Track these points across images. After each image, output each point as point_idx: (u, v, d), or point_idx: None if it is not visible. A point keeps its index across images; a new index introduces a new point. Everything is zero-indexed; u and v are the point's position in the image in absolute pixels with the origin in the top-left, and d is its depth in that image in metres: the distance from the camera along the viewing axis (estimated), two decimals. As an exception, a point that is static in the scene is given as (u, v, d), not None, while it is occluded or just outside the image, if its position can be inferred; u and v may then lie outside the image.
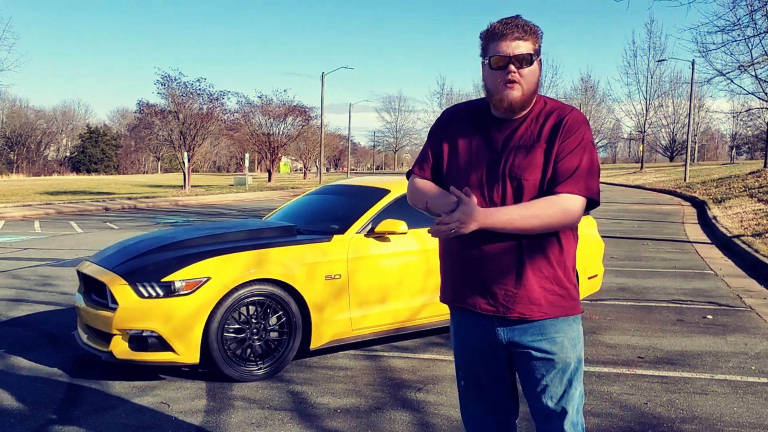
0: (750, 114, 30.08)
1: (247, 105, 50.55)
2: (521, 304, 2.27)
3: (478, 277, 2.31)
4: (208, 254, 4.87)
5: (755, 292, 8.09)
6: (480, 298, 2.32)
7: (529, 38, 2.22)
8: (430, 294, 5.65)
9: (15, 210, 20.78)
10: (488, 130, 2.34)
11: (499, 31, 2.22)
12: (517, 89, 2.21)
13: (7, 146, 77.41)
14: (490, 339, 2.36)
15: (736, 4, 16.21)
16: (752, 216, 15.38)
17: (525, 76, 2.21)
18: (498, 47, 2.21)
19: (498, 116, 2.33)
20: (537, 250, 2.27)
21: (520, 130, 2.29)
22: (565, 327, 2.32)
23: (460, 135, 2.40)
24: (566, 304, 2.31)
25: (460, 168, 2.36)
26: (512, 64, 2.20)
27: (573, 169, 2.22)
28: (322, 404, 4.39)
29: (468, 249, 2.31)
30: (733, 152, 76.02)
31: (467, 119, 2.42)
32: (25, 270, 9.60)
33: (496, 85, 2.23)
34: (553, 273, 2.29)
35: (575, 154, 2.23)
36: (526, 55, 2.21)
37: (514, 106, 2.24)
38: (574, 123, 2.26)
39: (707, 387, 4.72)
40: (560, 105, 2.33)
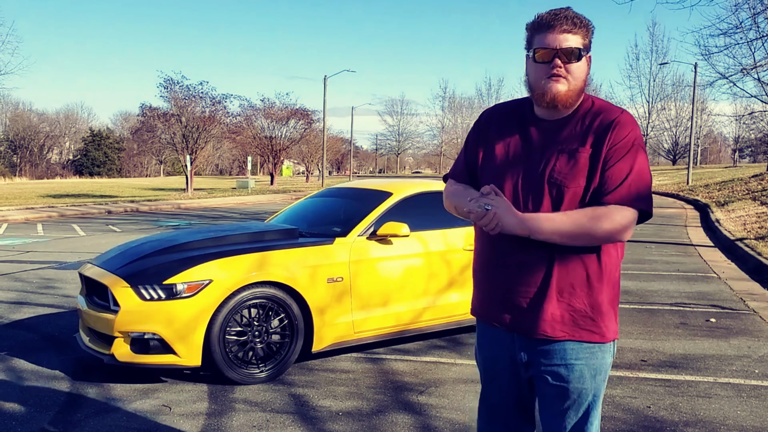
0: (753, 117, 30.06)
1: (249, 108, 50.70)
2: (545, 322, 2.11)
3: (504, 291, 2.17)
4: (210, 257, 4.86)
5: (758, 295, 8.07)
6: (503, 313, 2.18)
7: (578, 32, 2.07)
8: (432, 297, 5.65)
9: (18, 213, 20.82)
10: (528, 131, 2.17)
11: (546, 22, 2.07)
12: (562, 83, 2.06)
13: (10, 149, 77.59)
14: (510, 357, 2.24)
15: (739, 7, 16.24)
16: (755, 219, 15.35)
17: (572, 71, 2.06)
18: (544, 39, 2.06)
19: (541, 116, 2.17)
20: (570, 265, 2.09)
21: (564, 131, 2.12)
22: (588, 354, 2.14)
23: (497, 137, 2.23)
24: (595, 329, 2.12)
25: (494, 172, 2.18)
26: (558, 58, 2.04)
27: (623, 178, 2.03)
28: (324, 407, 4.38)
29: (496, 261, 2.18)
30: (735, 155, 75.99)
31: (506, 119, 2.25)
32: (27, 273, 9.61)
33: (539, 80, 2.08)
34: (587, 292, 2.10)
35: (625, 160, 2.04)
36: (574, 49, 2.05)
37: (557, 101, 2.07)
38: (624, 126, 2.07)
39: (710, 390, 4.70)
40: (609, 106, 2.15)
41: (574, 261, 2.08)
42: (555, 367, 2.15)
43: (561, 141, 2.10)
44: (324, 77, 44.04)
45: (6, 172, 66.74)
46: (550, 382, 2.17)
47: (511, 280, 2.14)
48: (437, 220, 5.84)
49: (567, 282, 2.09)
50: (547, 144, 2.11)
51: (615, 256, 2.15)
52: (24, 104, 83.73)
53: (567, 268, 2.08)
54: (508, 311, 2.16)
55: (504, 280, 2.16)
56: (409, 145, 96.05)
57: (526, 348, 2.18)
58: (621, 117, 2.08)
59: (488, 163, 2.22)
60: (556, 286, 2.09)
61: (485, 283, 2.25)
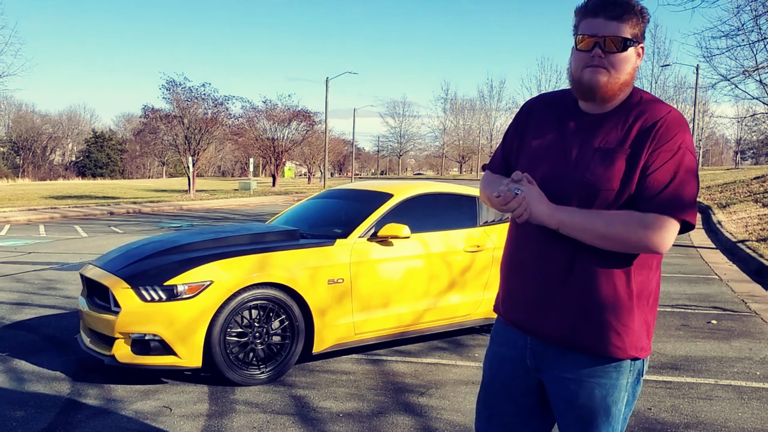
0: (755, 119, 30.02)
1: (251, 110, 50.68)
2: (564, 330, 1.97)
3: (522, 291, 2.06)
4: (211, 258, 4.87)
5: (760, 297, 8.06)
6: (519, 314, 2.08)
7: (629, 19, 1.87)
8: (433, 298, 5.64)
9: (20, 214, 20.85)
10: (567, 124, 2.01)
11: (592, 6, 1.89)
12: (602, 74, 1.88)
13: (13, 151, 77.72)
14: (520, 358, 2.11)
15: (741, 9, 16.20)
16: (757, 221, 15.33)
17: (614, 62, 1.88)
18: (588, 25, 1.89)
19: (583, 108, 2.00)
20: (596, 272, 1.93)
21: (604, 127, 1.95)
22: (603, 372, 1.97)
23: (535, 128, 2.09)
24: (617, 343, 1.93)
25: (525, 165, 2.05)
26: (599, 47, 1.87)
27: (665, 184, 1.84)
28: (325, 408, 4.38)
29: (519, 259, 2.07)
30: (737, 157, 75.90)
31: (547, 110, 2.10)
32: (29, 273, 9.62)
33: (577, 69, 1.92)
34: (614, 302, 1.92)
35: (669, 165, 1.85)
36: (619, 38, 1.87)
37: (594, 93, 1.90)
38: (670, 126, 1.88)
39: (712, 392, 4.69)
40: (657, 103, 1.95)
41: (601, 268, 1.92)
42: (564, 380, 2.02)
43: (599, 138, 1.93)
44: (326, 79, 44.10)
45: (9, 174, 66.80)
46: (558, 393, 2.05)
47: (530, 281, 2.03)
48: (438, 221, 5.85)
49: (590, 289, 1.93)
50: (584, 140, 1.96)
51: (650, 266, 1.97)
52: (27, 106, 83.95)
53: (592, 274, 1.93)
54: (525, 312, 2.05)
55: (524, 280, 2.05)
56: (411, 147, 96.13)
57: (538, 353, 2.06)
58: (668, 116, 1.89)
59: (522, 155, 2.10)
60: (578, 293, 1.94)
61: (506, 280, 2.16)
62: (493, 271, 5.93)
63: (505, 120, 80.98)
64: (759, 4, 15.57)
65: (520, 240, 2.08)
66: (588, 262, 1.93)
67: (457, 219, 6.00)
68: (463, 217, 6.04)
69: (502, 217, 6.20)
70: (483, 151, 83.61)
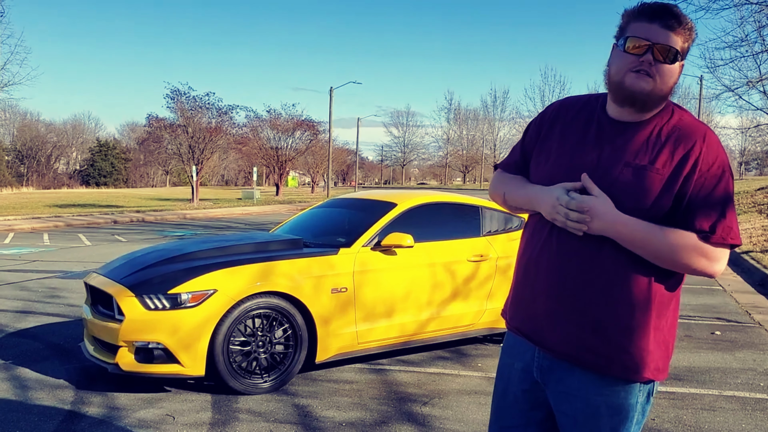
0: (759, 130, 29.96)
1: (255, 119, 50.91)
2: (572, 345, 1.90)
3: (532, 301, 1.98)
4: (215, 266, 4.88)
5: (764, 309, 8.03)
6: (528, 325, 1.99)
7: (681, 32, 1.82)
8: (437, 308, 5.64)
9: (24, 222, 20.91)
10: (595, 132, 1.94)
11: (649, 11, 1.83)
12: (646, 81, 1.81)
13: (17, 159, 77.97)
14: (526, 369, 2.05)
15: (744, 20, 16.22)
16: (761, 232, 15.30)
17: (662, 72, 1.81)
18: (641, 29, 1.82)
19: (613, 116, 1.92)
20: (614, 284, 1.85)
21: (636, 138, 1.87)
22: (610, 391, 1.90)
23: (561, 133, 2.01)
24: (629, 364, 1.86)
25: (547, 173, 1.97)
26: (651, 53, 1.80)
27: (721, 213, 1.81)
28: (328, 417, 4.38)
29: (534, 269, 1.97)
30: (741, 168, 75.81)
31: (575, 115, 2.02)
32: (33, 282, 9.64)
33: (621, 70, 1.84)
34: (629, 321, 1.85)
35: (719, 191, 1.82)
36: (671, 48, 1.81)
37: (636, 97, 1.83)
38: (711, 148, 1.83)
39: (715, 403, 4.68)
40: (693, 120, 1.90)
41: (622, 281, 1.85)
42: (569, 398, 1.94)
43: (630, 151, 1.86)
44: (330, 89, 44.21)
45: (13, 182, 67.04)
46: (562, 409, 1.97)
47: (541, 291, 1.94)
48: (442, 231, 5.86)
49: (606, 304, 1.85)
50: (613, 151, 1.88)
51: (675, 280, 1.90)
52: (32, 114, 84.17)
53: (610, 287, 1.85)
54: (533, 323, 1.97)
55: (535, 289, 1.96)
56: (415, 157, 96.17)
57: (544, 367, 1.98)
58: (708, 137, 1.84)
59: (543, 160, 2.01)
60: (592, 307, 1.86)
61: (517, 287, 2.06)
62: (496, 280, 5.93)
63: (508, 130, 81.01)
64: (763, 15, 15.61)
65: (534, 247, 1.99)
66: (608, 274, 1.85)
67: (460, 228, 6.00)
68: (466, 226, 6.05)
69: (505, 227, 6.21)
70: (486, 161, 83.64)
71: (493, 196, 2.23)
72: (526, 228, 2.10)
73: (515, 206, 2.12)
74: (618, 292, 1.84)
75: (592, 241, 1.85)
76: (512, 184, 2.11)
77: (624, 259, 1.84)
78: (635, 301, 1.84)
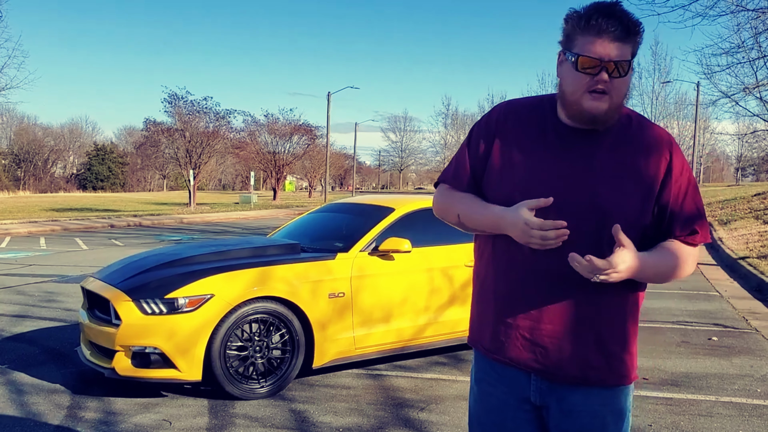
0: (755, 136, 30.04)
1: (253, 123, 50.86)
2: (576, 365, 1.84)
3: (527, 326, 1.87)
4: (212, 271, 4.88)
5: (761, 314, 8.04)
6: (524, 351, 1.88)
7: (630, 40, 1.73)
8: (434, 313, 5.64)
9: (21, 226, 20.86)
10: (557, 141, 1.85)
11: (596, 23, 1.71)
12: (604, 102, 1.74)
13: (14, 163, 77.84)
14: (518, 397, 1.94)
15: (741, 27, 16.26)
16: (758, 238, 15.32)
17: (616, 87, 1.75)
18: (592, 46, 1.72)
19: (569, 123, 1.85)
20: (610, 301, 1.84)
21: (604, 147, 1.83)
22: (611, 398, 1.90)
23: (517, 142, 1.89)
24: (623, 371, 1.89)
25: (519, 190, 1.83)
26: (605, 72, 1.72)
27: (699, 215, 1.85)
28: (325, 423, 4.37)
29: (521, 291, 1.87)
30: (738, 174, 76.02)
31: (527, 122, 1.91)
32: (29, 286, 9.62)
33: (577, 92, 1.76)
34: (622, 331, 1.87)
35: (692, 194, 1.85)
36: (623, 63, 1.73)
37: (597, 120, 1.78)
38: (678, 150, 1.84)
39: (712, 409, 4.68)
40: (652, 125, 1.89)
41: (615, 297, 1.84)
42: (576, 414, 1.88)
43: (600, 160, 1.82)
44: (328, 93, 44.25)
45: (10, 186, 66.87)
46: (565, 427, 1.90)
47: (538, 314, 1.85)
48: (439, 236, 5.85)
49: (604, 320, 1.84)
50: (583, 161, 1.82)
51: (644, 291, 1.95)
52: (29, 118, 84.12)
53: (606, 302, 1.84)
54: (531, 350, 1.87)
55: (529, 313, 1.86)
56: (412, 161, 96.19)
57: (544, 390, 1.90)
58: (674, 143, 1.86)
59: (507, 175, 1.88)
60: (592, 324, 1.84)
61: (499, 312, 1.91)
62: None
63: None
64: (759, 22, 15.66)
65: (515, 269, 1.87)
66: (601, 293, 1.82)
67: (458, 233, 5.97)
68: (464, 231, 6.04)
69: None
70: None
71: (443, 215, 2.06)
72: (488, 245, 1.95)
73: (474, 229, 1.96)
74: (615, 305, 1.85)
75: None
76: (467, 204, 1.94)
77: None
78: (627, 310, 1.88)
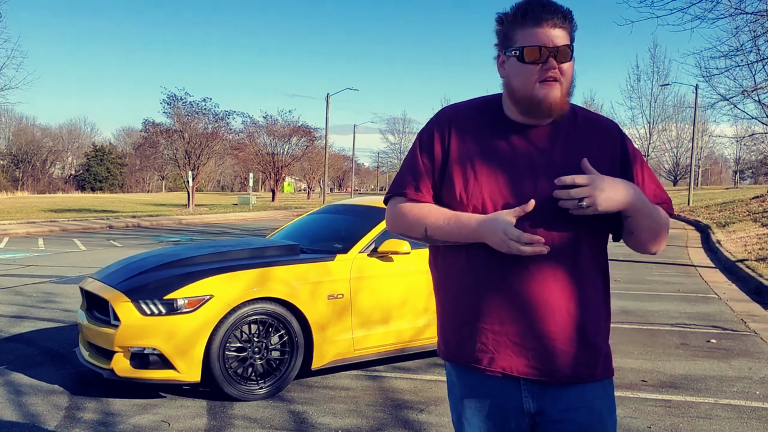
0: (753, 139, 30.12)
1: (252, 125, 50.83)
2: (568, 364, 1.81)
3: (515, 329, 1.80)
4: (211, 272, 4.87)
5: (759, 317, 8.05)
6: (517, 358, 1.81)
7: (566, 26, 1.76)
8: (433, 315, 5.62)
9: (19, 227, 20.83)
10: (511, 139, 1.83)
11: (533, 14, 1.73)
12: (556, 89, 1.75)
13: (12, 164, 77.76)
14: (512, 407, 1.86)
15: (739, 29, 16.30)
16: (756, 240, 15.34)
17: (565, 72, 1.76)
18: (534, 35, 1.73)
19: (518, 120, 1.84)
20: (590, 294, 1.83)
21: (557, 140, 1.83)
22: (602, 392, 1.88)
23: (473, 145, 1.86)
24: (608, 364, 1.89)
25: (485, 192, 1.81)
26: (553, 58, 1.73)
27: (660, 189, 1.90)
28: (323, 424, 4.37)
29: (499, 292, 1.81)
30: (736, 177, 76.13)
31: (478, 124, 1.89)
32: (27, 287, 9.61)
33: (527, 84, 1.75)
34: (603, 324, 1.87)
35: (648, 171, 1.91)
36: (566, 47, 1.75)
37: (553, 109, 1.77)
38: (624, 136, 1.91)
39: (711, 411, 4.68)
40: (593, 113, 1.93)
41: (593, 288, 1.84)
42: (574, 412, 1.83)
43: (559, 154, 1.81)
44: (326, 95, 44.29)
45: (8, 186, 66.78)
46: (563, 427, 1.84)
47: (524, 317, 1.79)
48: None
49: (587, 314, 1.82)
50: (542, 158, 1.81)
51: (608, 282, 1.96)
52: (27, 119, 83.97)
53: (587, 297, 1.82)
54: (522, 354, 1.80)
55: (515, 317, 1.80)
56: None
57: (536, 394, 1.84)
58: (620, 127, 1.93)
59: (467, 177, 1.83)
60: (576, 320, 1.80)
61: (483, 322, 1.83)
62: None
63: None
64: (758, 25, 15.69)
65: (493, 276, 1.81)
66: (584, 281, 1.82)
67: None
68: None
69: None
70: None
71: (404, 230, 1.96)
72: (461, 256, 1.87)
73: (445, 241, 1.86)
74: (594, 299, 1.85)
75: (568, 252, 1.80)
76: (435, 215, 1.86)
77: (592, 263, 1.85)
78: (604, 303, 1.89)
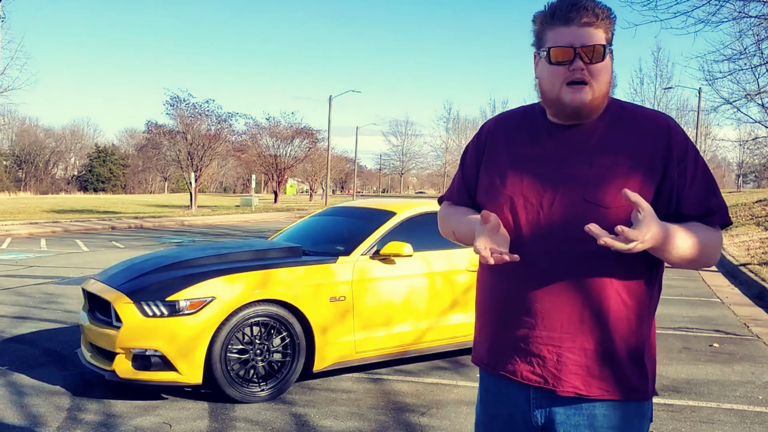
0: (757, 142, 30.02)
1: (254, 126, 50.93)
2: (576, 376, 1.70)
3: (522, 334, 1.75)
4: (213, 274, 4.87)
5: (762, 321, 8.03)
6: (522, 363, 1.75)
7: (601, 24, 1.67)
8: (435, 317, 5.63)
9: (22, 227, 20.85)
10: (545, 143, 1.78)
11: (561, 13, 1.67)
12: (586, 92, 1.67)
13: (15, 164, 77.93)
14: (521, 418, 1.79)
15: (743, 33, 16.28)
16: (759, 244, 15.30)
17: (596, 74, 1.67)
18: (560, 35, 1.68)
19: (557, 122, 1.79)
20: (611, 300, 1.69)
21: (591, 141, 1.73)
22: (620, 420, 1.72)
23: (506, 151, 1.84)
24: (635, 384, 1.71)
25: (505, 190, 1.78)
26: (580, 59, 1.66)
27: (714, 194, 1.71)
28: (325, 427, 4.36)
29: (514, 294, 1.76)
30: (739, 180, 75.96)
31: (515, 130, 1.86)
32: (29, 287, 9.61)
33: (555, 86, 1.70)
34: (628, 338, 1.70)
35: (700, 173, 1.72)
36: (598, 47, 1.66)
37: (581, 113, 1.71)
38: (678, 130, 1.73)
39: (714, 416, 4.66)
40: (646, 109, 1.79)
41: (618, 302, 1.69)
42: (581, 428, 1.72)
43: (591, 153, 1.72)
44: (329, 97, 44.38)
45: (11, 187, 66.92)
46: None
47: (534, 320, 1.73)
48: (441, 240, 5.81)
49: (607, 323, 1.69)
50: (572, 157, 1.73)
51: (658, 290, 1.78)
52: (30, 120, 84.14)
53: (607, 309, 1.69)
54: (527, 360, 1.75)
55: (525, 320, 1.74)
56: (413, 166, 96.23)
57: (546, 407, 1.75)
58: (671, 121, 1.74)
59: (496, 183, 1.81)
60: (593, 329, 1.69)
61: (498, 322, 1.81)
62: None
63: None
64: (761, 28, 15.68)
65: (509, 273, 1.76)
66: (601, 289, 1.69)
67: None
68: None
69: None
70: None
71: (445, 233, 2.05)
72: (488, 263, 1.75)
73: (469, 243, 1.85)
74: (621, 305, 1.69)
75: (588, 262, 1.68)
76: (458, 218, 1.94)
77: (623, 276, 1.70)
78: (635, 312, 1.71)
